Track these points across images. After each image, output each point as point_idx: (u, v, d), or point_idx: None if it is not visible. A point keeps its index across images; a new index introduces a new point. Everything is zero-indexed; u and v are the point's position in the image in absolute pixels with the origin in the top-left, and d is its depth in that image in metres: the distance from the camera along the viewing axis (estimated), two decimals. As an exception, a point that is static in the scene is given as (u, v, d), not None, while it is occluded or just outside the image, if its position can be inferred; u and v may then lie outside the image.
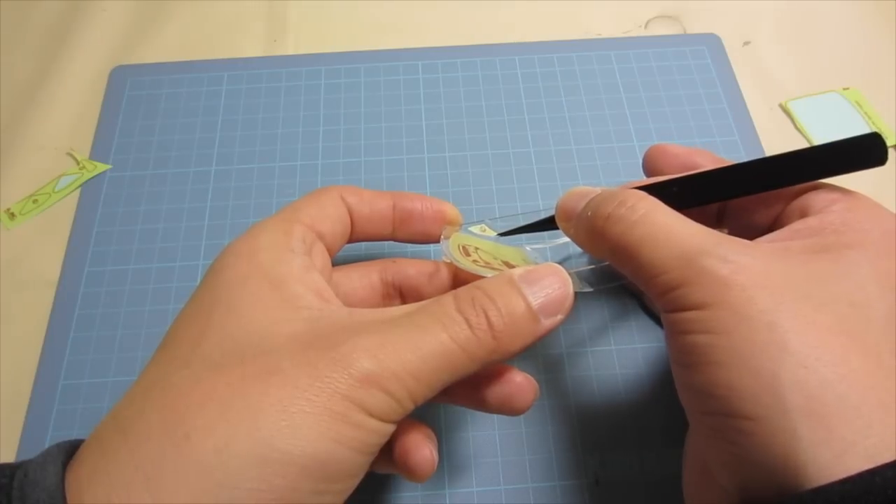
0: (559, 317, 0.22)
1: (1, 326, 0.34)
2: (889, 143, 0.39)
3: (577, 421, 0.31)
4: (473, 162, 0.38)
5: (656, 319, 0.33)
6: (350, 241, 0.27)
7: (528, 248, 0.31)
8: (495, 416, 0.31)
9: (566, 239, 0.31)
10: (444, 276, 0.27)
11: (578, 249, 0.34)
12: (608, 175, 0.38)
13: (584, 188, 0.26)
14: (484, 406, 0.24)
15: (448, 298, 0.21)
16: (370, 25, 0.45)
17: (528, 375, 0.24)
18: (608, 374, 0.32)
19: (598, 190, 0.25)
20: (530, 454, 0.30)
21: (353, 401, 0.18)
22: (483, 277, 0.23)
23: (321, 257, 0.25)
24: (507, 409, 0.24)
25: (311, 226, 0.25)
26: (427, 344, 0.20)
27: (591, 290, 0.26)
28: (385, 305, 0.28)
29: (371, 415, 0.19)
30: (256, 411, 0.18)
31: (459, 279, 0.27)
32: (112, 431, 0.19)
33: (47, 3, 0.46)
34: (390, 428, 0.20)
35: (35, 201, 0.38)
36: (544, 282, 0.22)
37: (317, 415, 0.18)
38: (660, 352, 0.33)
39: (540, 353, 0.33)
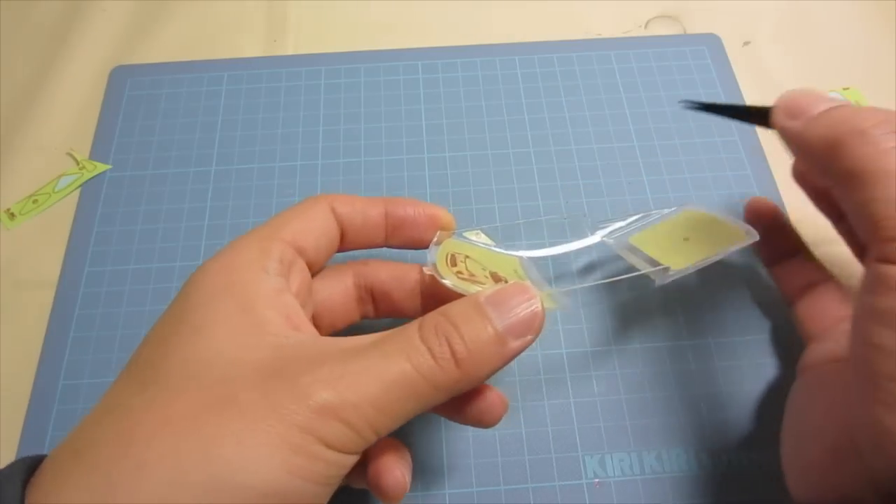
0: (529, 337, 0.21)
1: (1, 326, 0.34)
2: (889, 143, 0.39)
3: (577, 421, 0.31)
4: (473, 162, 0.38)
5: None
6: (342, 250, 0.27)
7: (524, 257, 0.30)
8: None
9: (567, 248, 0.31)
10: (414, 280, 0.27)
11: (580, 262, 0.34)
12: (608, 175, 0.38)
13: (819, 92, 0.24)
14: (456, 417, 0.24)
15: (413, 327, 0.21)
16: (370, 25, 0.45)
17: (500, 392, 0.24)
18: (609, 374, 0.32)
19: (839, 98, 0.23)
20: (530, 454, 0.30)
21: (310, 432, 0.18)
22: (459, 295, 0.23)
23: (299, 276, 0.24)
24: (477, 423, 0.24)
25: (293, 241, 0.24)
26: (389, 374, 0.19)
27: (569, 308, 0.26)
28: (360, 310, 0.27)
29: (329, 446, 0.18)
30: (212, 442, 0.17)
31: (433, 286, 0.26)
32: (69, 454, 0.18)
33: (47, 3, 0.46)
34: (351, 459, 0.20)
35: (35, 201, 0.38)
36: (512, 302, 0.21)
37: (273, 447, 0.18)
38: (659, 352, 0.33)
39: (540, 354, 0.33)
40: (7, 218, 0.37)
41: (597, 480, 0.29)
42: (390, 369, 0.19)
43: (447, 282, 0.24)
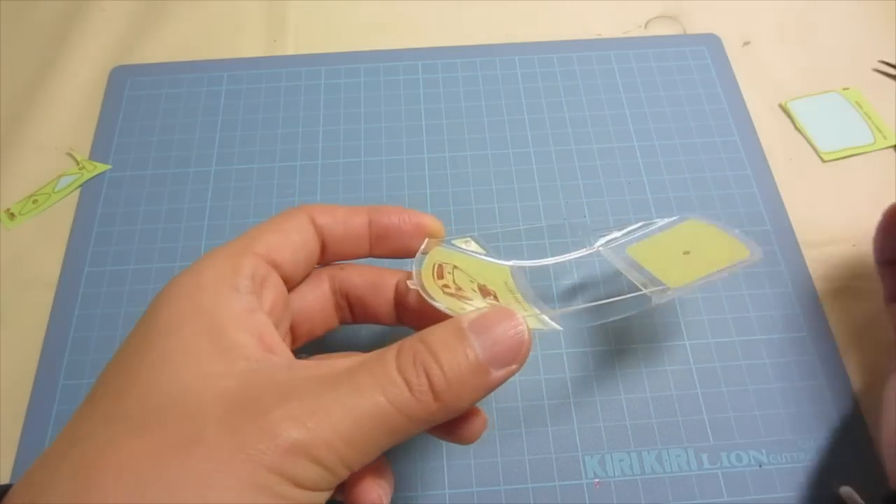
0: (513, 366, 0.20)
1: (1, 326, 0.34)
2: (889, 143, 0.39)
3: (577, 421, 0.31)
4: (473, 162, 0.38)
5: None
6: (323, 262, 0.26)
7: (514, 267, 0.29)
8: (495, 417, 0.31)
9: (560, 258, 0.30)
10: (390, 287, 0.26)
11: (577, 276, 0.34)
12: (608, 175, 0.38)
13: None
14: (434, 434, 0.23)
15: (390, 355, 0.20)
16: (370, 25, 0.45)
17: (482, 411, 0.23)
18: (608, 374, 0.32)
19: None
20: (530, 454, 0.30)
21: (278, 473, 0.17)
22: (437, 311, 0.22)
23: (273, 292, 0.23)
24: (457, 440, 0.23)
25: (267, 255, 0.23)
26: (363, 408, 0.18)
27: (560, 329, 0.24)
28: (339, 316, 0.27)
29: (299, 486, 0.18)
30: (175, 487, 0.17)
31: (419, 299, 0.25)
32: (27, 493, 0.18)
33: (47, 3, 0.46)
34: (323, 496, 0.19)
35: (35, 201, 0.38)
36: (497, 329, 0.20)
37: (239, 490, 0.17)
38: (659, 352, 0.33)
39: (540, 354, 0.33)
40: (7, 218, 0.37)
41: (597, 480, 0.29)
42: (364, 404, 0.18)
43: (437, 305, 0.23)
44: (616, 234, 0.30)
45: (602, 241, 0.30)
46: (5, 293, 0.35)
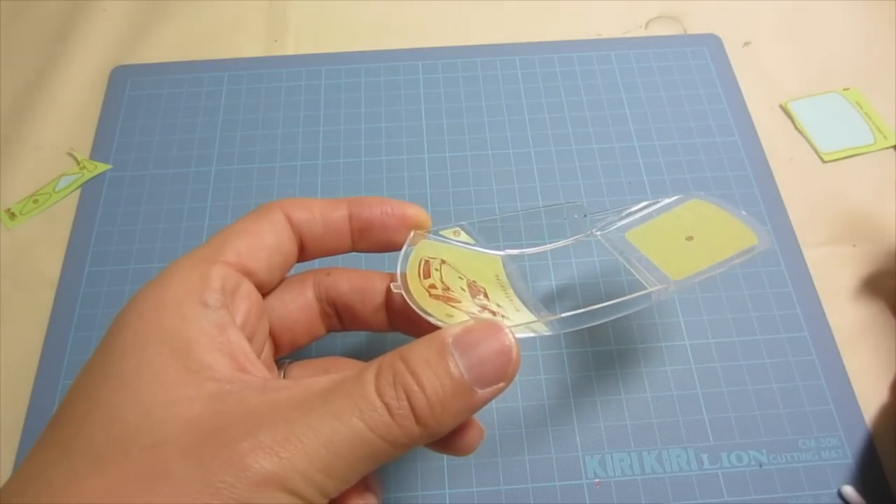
0: (501, 384, 0.19)
1: (1, 326, 0.34)
2: (889, 143, 0.39)
3: (577, 421, 0.31)
4: (473, 162, 0.38)
5: None
6: (303, 259, 0.24)
7: (506, 257, 0.27)
8: (495, 417, 0.31)
9: (554, 245, 0.29)
10: (379, 292, 0.25)
11: (575, 271, 0.34)
12: (608, 175, 0.38)
13: None
14: (429, 447, 0.22)
15: (369, 376, 0.19)
16: (370, 25, 0.45)
17: (477, 422, 0.22)
18: (608, 374, 0.32)
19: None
20: (530, 454, 0.30)
21: None
22: (425, 321, 0.21)
23: (246, 303, 0.22)
24: (453, 453, 0.22)
25: (238, 263, 0.21)
26: (340, 434, 0.17)
27: (549, 333, 0.23)
28: (326, 323, 0.25)
29: None
30: None
31: (400, 301, 0.24)
32: None
33: (47, 3, 0.46)
34: None
35: (35, 201, 0.38)
36: (482, 346, 0.19)
37: None
38: (659, 352, 0.33)
39: (540, 354, 0.33)
40: (7, 218, 0.37)
41: (597, 480, 0.29)
42: (341, 429, 0.17)
43: (420, 313, 0.22)
44: (614, 217, 0.29)
45: (599, 224, 0.29)
46: (5, 293, 0.35)
